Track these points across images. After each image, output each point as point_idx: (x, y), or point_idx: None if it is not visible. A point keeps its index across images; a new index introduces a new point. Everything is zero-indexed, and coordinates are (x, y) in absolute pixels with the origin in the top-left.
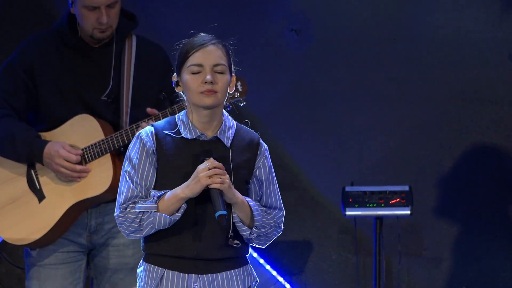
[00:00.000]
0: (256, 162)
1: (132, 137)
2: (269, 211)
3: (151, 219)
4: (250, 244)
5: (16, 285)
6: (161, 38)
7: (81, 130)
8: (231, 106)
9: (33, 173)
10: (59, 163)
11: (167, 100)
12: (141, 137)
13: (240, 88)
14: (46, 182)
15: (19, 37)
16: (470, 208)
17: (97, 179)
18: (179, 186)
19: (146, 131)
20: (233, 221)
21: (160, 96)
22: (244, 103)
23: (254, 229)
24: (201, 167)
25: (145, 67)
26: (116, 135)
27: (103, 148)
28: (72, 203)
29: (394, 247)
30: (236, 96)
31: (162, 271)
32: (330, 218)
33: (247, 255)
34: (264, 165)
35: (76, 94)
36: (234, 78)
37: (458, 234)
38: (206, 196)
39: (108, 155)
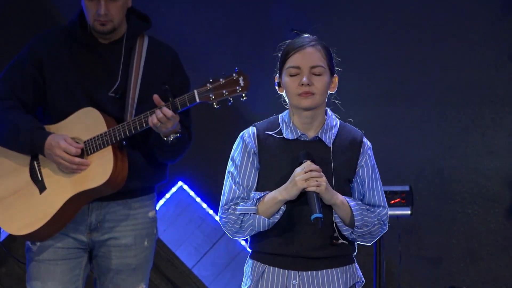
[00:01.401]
0: (359, 161)
1: (135, 130)
2: (372, 209)
3: (250, 222)
4: (356, 242)
5: (16, 285)
6: (161, 38)
7: (85, 123)
8: (231, 101)
9: (35, 164)
10: (58, 154)
11: (169, 92)
12: (243, 138)
13: (242, 83)
14: (48, 173)
15: (19, 37)
16: (470, 208)
17: (96, 171)
18: (278, 189)
19: (249, 131)
20: (335, 221)
21: (162, 88)
22: (246, 97)
23: (355, 228)
24: (297, 170)
25: (154, 67)
26: (118, 128)
27: (104, 140)
28: (71, 195)
29: (394, 247)
30: (238, 90)
31: (264, 267)
32: None
33: (353, 254)
34: (367, 164)
35: (83, 89)
36: (336, 79)
37: (458, 234)
38: (306, 197)
39: (110, 147)
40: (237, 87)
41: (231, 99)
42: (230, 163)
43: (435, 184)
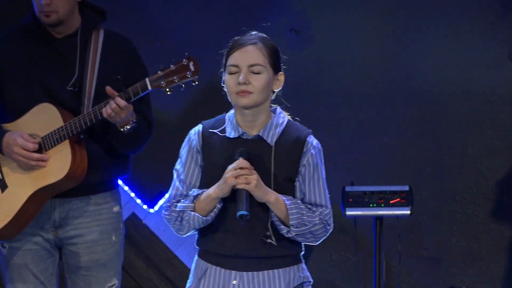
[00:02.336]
0: (301, 161)
1: (90, 122)
2: (314, 209)
3: (187, 219)
4: (303, 243)
5: None
6: (161, 38)
7: (42, 119)
8: (183, 86)
9: None
10: (16, 151)
11: (121, 82)
12: (190, 135)
13: (192, 68)
14: (8, 172)
15: None
16: (470, 208)
17: (55, 165)
18: (212, 186)
19: (195, 129)
20: (271, 219)
21: (114, 78)
22: (197, 82)
23: (291, 227)
24: (229, 167)
25: (112, 59)
26: (74, 121)
27: (61, 134)
28: (33, 191)
29: (394, 247)
30: (188, 76)
31: (207, 265)
32: None
33: (301, 254)
34: (309, 163)
35: (42, 84)
36: (282, 77)
37: (458, 234)
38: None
39: (67, 141)
40: (188, 72)
41: (182, 85)
42: (178, 160)
43: (435, 184)
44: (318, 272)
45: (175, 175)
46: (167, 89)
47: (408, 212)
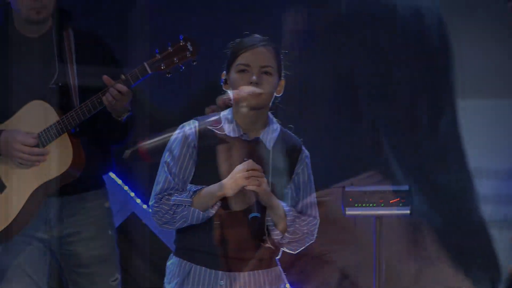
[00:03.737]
0: (296, 168)
1: (89, 113)
2: (303, 218)
3: (184, 213)
4: (281, 248)
5: None
6: (161, 38)
7: (35, 116)
8: (183, 67)
9: None
10: (17, 148)
11: (120, 70)
12: (184, 130)
13: (190, 48)
14: (5, 172)
15: None
16: (470, 208)
17: (57, 158)
18: (216, 184)
19: (190, 124)
20: (267, 224)
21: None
22: (195, 62)
23: (286, 234)
24: (239, 167)
25: (86, 54)
26: (71, 113)
27: (59, 128)
28: (36, 187)
29: (394, 247)
30: (188, 56)
31: (190, 266)
32: (330, 218)
33: (276, 258)
34: (304, 172)
35: (25, 85)
36: (283, 82)
37: (458, 234)
38: (242, 195)
39: (65, 135)
40: (187, 53)
41: (182, 66)
42: (166, 153)
43: (435, 184)
44: (318, 272)
45: (165, 168)
46: (167, 71)
47: (408, 212)
